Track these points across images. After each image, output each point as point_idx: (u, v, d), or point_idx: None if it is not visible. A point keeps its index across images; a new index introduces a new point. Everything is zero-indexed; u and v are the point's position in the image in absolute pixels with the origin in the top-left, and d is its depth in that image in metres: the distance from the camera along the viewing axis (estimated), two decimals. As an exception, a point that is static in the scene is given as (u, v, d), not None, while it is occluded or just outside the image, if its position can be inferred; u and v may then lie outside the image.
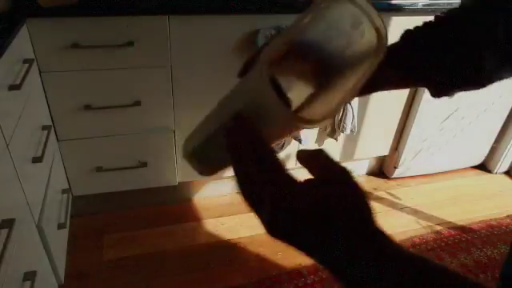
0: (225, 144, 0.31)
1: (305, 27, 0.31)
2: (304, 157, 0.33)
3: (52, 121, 1.42)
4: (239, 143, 0.31)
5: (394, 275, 0.26)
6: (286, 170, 0.30)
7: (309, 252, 0.29)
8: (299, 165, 0.33)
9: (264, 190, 0.29)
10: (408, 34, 0.49)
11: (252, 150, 0.30)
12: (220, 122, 0.33)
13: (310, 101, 0.37)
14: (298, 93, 0.38)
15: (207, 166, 0.39)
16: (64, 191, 1.49)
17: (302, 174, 0.31)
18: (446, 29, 0.46)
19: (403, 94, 1.88)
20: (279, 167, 0.30)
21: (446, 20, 0.47)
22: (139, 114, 1.51)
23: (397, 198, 2.05)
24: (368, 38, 0.32)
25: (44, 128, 1.32)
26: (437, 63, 0.46)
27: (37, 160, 1.16)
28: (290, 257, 1.59)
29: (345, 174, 0.31)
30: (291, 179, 0.30)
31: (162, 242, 1.65)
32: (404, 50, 0.48)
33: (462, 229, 1.87)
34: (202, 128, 0.37)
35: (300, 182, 0.30)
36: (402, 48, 0.48)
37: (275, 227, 0.29)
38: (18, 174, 1.03)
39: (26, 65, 1.16)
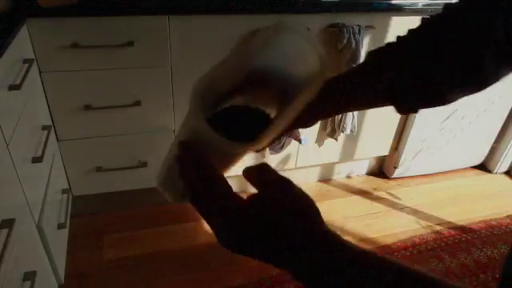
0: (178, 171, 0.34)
1: (255, 55, 0.34)
2: (248, 173, 0.34)
3: (52, 121, 1.42)
4: (186, 167, 0.33)
5: (351, 274, 0.28)
6: (230, 188, 0.32)
7: (266, 262, 0.30)
8: (299, 165, 0.34)
9: (213, 208, 0.32)
10: (408, 35, 0.49)
11: (197, 172, 0.32)
12: (173, 152, 0.36)
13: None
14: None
15: (176, 194, 0.40)
16: (64, 191, 1.49)
17: (301, 174, 0.32)
18: (444, 28, 0.46)
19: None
20: (223, 186, 0.32)
21: (442, 19, 0.47)
22: (139, 114, 1.51)
23: (397, 197, 2.05)
24: (312, 64, 0.35)
25: (44, 128, 1.32)
26: (437, 62, 0.45)
27: (37, 160, 1.16)
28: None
29: (286, 184, 0.32)
30: (235, 197, 0.31)
31: (162, 242, 1.65)
32: (402, 50, 0.48)
33: (462, 229, 1.87)
34: (165, 160, 0.39)
35: (244, 199, 0.32)
36: (399, 48, 0.48)
37: (228, 244, 0.31)
38: (18, 174, 1.03)
39: (26, 65, 1.16)
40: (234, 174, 0.41)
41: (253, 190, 0.34)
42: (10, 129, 1.02)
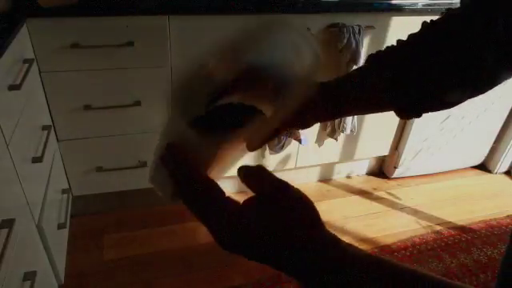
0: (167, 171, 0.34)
1: (249, 51, 0.35)
2: (244, 175, 0.34)
3: (52, 121, 1.42)
4: (175, 170, 0.34)
5: (350, 275, 0.28)
6: (222, 190, 0.32)
7: (265, 263, 0.31)
8: (299, 165, 0.34)
9: (208, 210, 0.32)
10: (409, 39, 0.49)
11: (186, 174, 0.33)
12: (160, 152, 0.36)
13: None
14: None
15: (166, 191, 0.40)
16: (64, 191, 1.49)
17: (301, 174, 0.32)
18: (446, 31, 0.46)
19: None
20: (215, 189, 0.32)
21: (443, 23, 0.47)
22: (139, 114, 1.51)
23: (397, 197, 2.05)
24: (308, 59, 0.35)
25: (44, 128, 1.32)
26: (440, 65, 0.45)
27: (37, 160, 1.16)
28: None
29: (283, 186, 0.32)
30: (230, 200, 0.32)
31: (162, 242, 1.65)
32: (403, 53, 0.48)
33: (462, 229, 1.87)
34: (155, 155, 0.39)
35: (238, 201, 0.32)
36: (399, 50, 0.48)
37: (227, 245, 0.31)
38: (18, 174, 1.03)
39: (26, 65, 1.16)
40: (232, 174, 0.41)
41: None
42: (10, 129, 1.02)
